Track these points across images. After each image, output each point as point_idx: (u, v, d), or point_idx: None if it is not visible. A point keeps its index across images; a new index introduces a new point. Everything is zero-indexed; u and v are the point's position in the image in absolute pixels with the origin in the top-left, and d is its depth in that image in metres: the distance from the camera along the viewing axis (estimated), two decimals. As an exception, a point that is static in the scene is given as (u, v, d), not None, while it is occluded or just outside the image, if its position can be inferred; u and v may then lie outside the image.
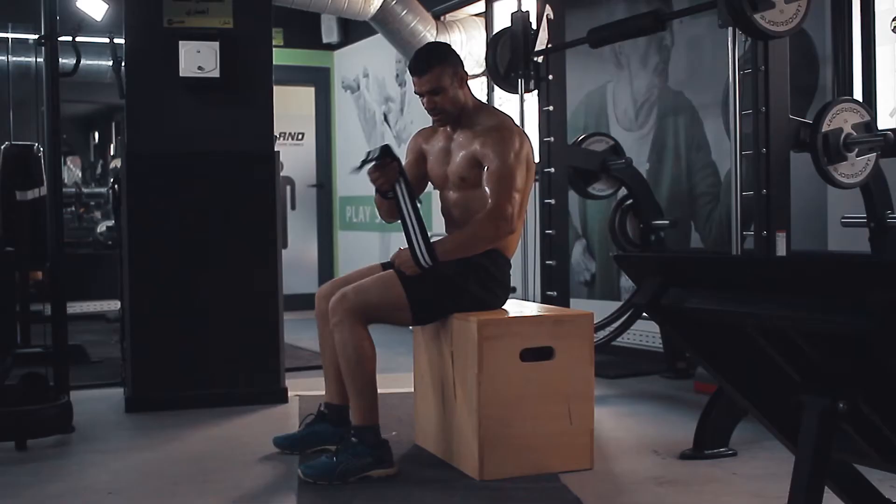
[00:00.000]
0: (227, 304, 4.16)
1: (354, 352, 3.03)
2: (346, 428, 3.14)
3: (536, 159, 3.74)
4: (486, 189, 3.12)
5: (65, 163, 9.98)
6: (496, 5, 6.34)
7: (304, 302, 5.38)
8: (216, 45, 4.07)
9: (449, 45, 3.40)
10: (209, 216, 4.16)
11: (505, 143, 3.13)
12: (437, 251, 3.08)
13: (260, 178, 4.21)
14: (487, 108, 3.41)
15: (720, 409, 3.21)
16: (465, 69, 3.27)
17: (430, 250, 3.07)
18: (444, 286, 3.13)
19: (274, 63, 4.26)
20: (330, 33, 8.11)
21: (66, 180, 9.60)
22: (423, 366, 3.40)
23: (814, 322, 1.44)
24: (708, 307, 1.63)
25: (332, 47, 8.32)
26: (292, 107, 8.31)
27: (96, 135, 8.86)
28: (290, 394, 4.23)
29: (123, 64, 4.15)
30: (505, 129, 3.18)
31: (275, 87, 4.26)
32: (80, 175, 9.28)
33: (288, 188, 8.40)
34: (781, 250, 3.30)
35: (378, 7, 6.30)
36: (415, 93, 3.28)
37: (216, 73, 4.07)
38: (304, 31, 8.10)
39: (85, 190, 7.89)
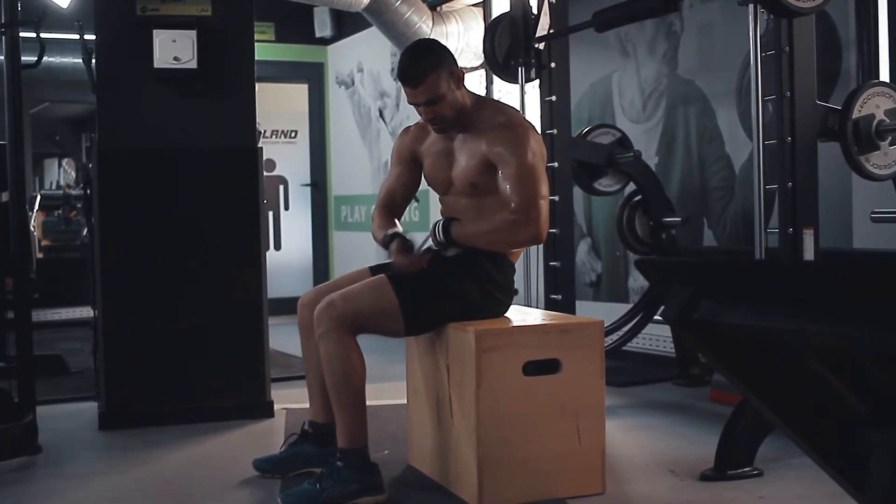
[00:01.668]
0: (208, 310, 3.87)
1: (341, 365, 2.75)
2: (333, 448, 2.85)
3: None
4: (506, 189, 2.83)
5: (60, 165, 9.76)
6: (495, -6, 6.05)
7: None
8: (193, 34, 3.79)
9: (438, 43, 3.06)
10: (187, 216, 3.88)
11: (520, 142, 2.84)
12: (453, 228, 2.88)
13: (242, 175, 3.92)
14: (489, 101, 3.11)
15: (745, 422, 2.92)
16: (459, 67, 2.95)
17: (447, 227, 2.89)
18: (440, 291, 2.86)
19: (266, 59, 4.02)
20: (323, 27, 7.82)
21: (61, 182, 9.38)
22: (417, 379, 3.11)
23: (890, 343, 1.15)
24: (750, 323, 1.34)
25: (325, 42, 8.03)
26: (285, 104, 8.04)
27: (89, 136, 8.59)
28: (276, 407, 3.95)
29: (94, 56, 3.88)
30: (518, 127, 2.89)
31: (267, 84, 4.01)
32: (73, 176, 9.02)
33: (281, 188, 8.13)
34: (809, 249, 3.01)
35: (371, -4, 6.01)
36: (409, 103, 2.94)
37: (193, 64, 3.79)
38: (297, 25, 7.81)
39: (73, 192, 7.58)
